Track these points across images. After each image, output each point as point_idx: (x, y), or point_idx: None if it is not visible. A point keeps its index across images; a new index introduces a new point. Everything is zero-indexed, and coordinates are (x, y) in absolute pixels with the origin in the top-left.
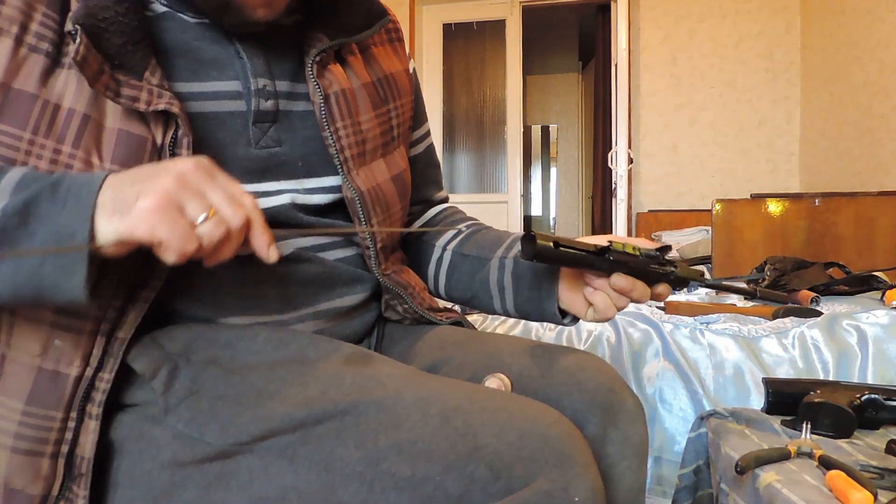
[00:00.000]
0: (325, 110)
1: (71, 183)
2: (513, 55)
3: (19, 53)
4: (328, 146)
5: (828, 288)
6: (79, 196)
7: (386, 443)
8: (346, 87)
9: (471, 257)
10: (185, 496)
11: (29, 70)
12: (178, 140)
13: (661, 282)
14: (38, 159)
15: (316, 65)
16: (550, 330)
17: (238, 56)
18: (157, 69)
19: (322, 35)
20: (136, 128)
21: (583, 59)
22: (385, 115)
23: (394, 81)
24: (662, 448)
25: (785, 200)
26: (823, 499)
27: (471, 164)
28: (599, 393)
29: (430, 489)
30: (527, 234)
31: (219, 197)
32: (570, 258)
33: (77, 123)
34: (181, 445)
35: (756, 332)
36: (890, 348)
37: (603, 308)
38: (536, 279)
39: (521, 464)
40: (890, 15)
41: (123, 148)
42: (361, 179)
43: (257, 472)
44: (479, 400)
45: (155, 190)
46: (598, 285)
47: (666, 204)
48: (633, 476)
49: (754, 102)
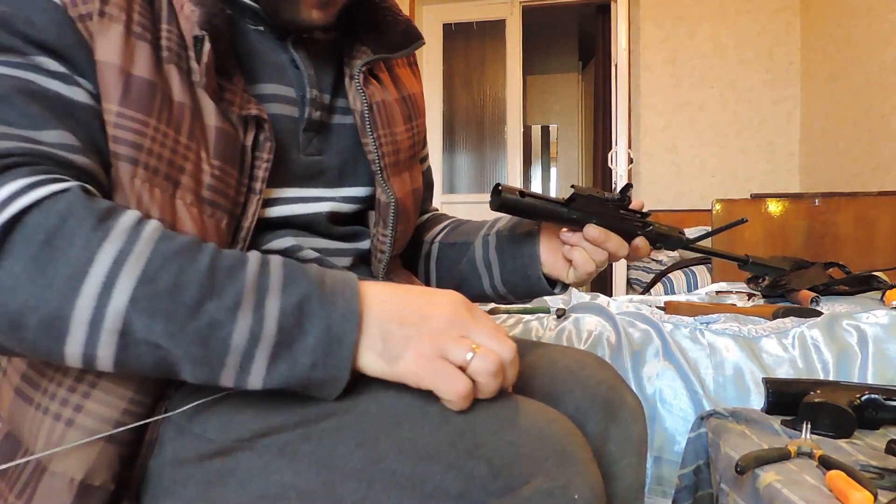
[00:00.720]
0: (368, 118)
1: (332, 281)
2: (513, 55)
3: (130, 40)
4: (368, 153)
5: (828, 288)
6: (344, 296)
7: (386, 441)
8: (384, 99)
9: (457, 244)
10: (185, 494)
11: (141, 57)
12: (259, 143)
13: (639, 235)
14: (162, 147)
15: (361, 74)
16: (550, 330)
17: (293, 64)
18: (240, 74)
19: (366, 48)
20: (228, 127)
21: (583, 59)
22: (411, 130)
23: (415, 101)
24: (662, 448)
25: (785, 200)
26: (823, 499)
27: (471, 164)
28: (600, 390)
29: (431, 487)
30: (495, 185)
31: (482, 335)
32: (535, 208)
33: (189, 116)
34: (183, 441)
35: (756, 332)
36: (890, 348)
37: (581, 263)
38: (518, 247)
39: (521, 462)
40: (890, 15)
41: (222, 146)
42: (396, 186)
43: (257, 470)
44: (479, 399)
45: (423, 344)
46: (573, 241)
47: (666, 204)
48: (634, 474)
49: (754, 102)
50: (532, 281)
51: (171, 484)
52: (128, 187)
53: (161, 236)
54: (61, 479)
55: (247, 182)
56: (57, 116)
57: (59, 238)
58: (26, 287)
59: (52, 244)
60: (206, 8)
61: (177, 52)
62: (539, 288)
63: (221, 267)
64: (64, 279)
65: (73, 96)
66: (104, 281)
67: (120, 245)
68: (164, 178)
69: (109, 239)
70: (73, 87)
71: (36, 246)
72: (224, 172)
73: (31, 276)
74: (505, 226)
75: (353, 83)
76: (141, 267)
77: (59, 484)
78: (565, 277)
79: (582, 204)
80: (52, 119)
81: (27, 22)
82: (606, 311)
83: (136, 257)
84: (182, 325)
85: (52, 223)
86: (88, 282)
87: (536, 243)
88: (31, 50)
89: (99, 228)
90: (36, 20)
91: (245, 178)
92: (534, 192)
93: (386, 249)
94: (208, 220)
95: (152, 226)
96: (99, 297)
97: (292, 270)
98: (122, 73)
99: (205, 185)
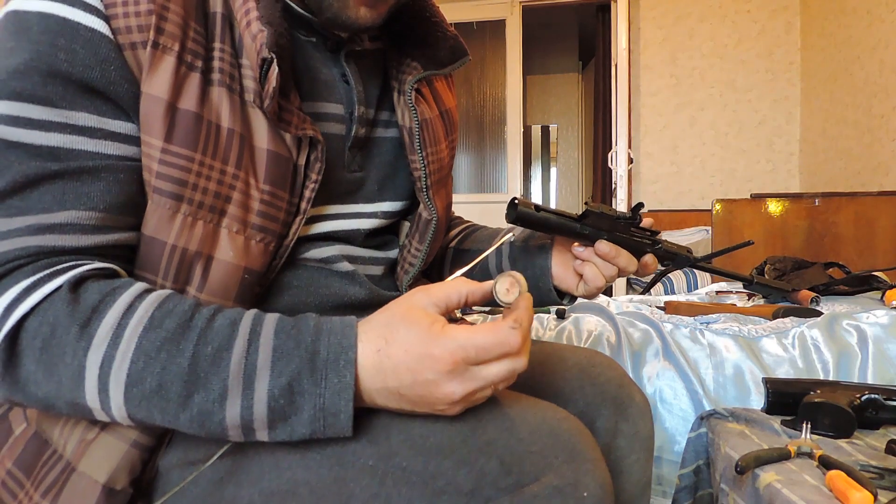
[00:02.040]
0: (419, 136)
1: (325, 350)
2: (513, 55)
3: (180, 71)
4: (414, 170)
5: (828, 288)
6: (336, 368)
7: (397, 438)
8: (430, 117)
9: (471, 251)
10: (196, 492)
11: (190, 89)
12: (310, 163)
13: (648, 252)
14: (208, 180)
15: (413, 92)
16: (550, 330)
17: (344, 80)
18: (297, 92)
19: (417, 64)
20: (282, 148)
21: (583, 59)
22: (449, 145)
23: (451, 116)
24: (662, 448)
25: (785, 200)
26: (823, 499)
27: (471, 164)
28: (610, 388)
29: (442, 483)
30: (511, 199)
31: (488, 371)
32: (549, 222)
33: (236, 143)
34: (195, 441)
35: (756, 332)
36: (890, 348)
37: (592, 277)
38: (530, 259)
39: (531, 459)
40: (890, 15)
41: (273, 169)
42: (438, 204)
43: (268, 467)
44: (491, 397)
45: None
46: (584, 256)
47: (666, 204)
48: (642, 470)
49: (754, 102)
50: (543, 292)
51: (181, 479)
52: (166, 223)
53: (145, 328)
54: (88, 481)
55: (296, 202)
56: (75, 193)
57: (53, 346)
58: (43, 384)
59: (48, 352)
60: (275, 27)
61: (229, 72)
62: (549, 299)
63: (206, 355)
64: (69, 380)
65: (104, 150)
66: (98, 386)
67: (103, 351)
68: (208, 211)
69: (93, 347)
70: (103, 142)
71: (38, 350)
72: (274, 197)
73: (44, 374)
74: (519, 237)
75: (404, 99)
76: (125, 371)
77: (86, 485)
78: (575, 290)
79: (594, 220)
80: (69, 197)
81: (68, 59)
82: (606, 311)
83: (119, 363)
84: (175, 416)
85: (45, 332)
86: (87, 386)
87: (549, 257)
88: (68, 97)
89: (82, 337)
90: (78, 55)
91: (295, 198)
92: (548, 206)
93: (416, 263)
94: (255, 245)
95: (138, 316)
96: (100, 398)
97: (284, 341)
98: (169, 108)
99: (255, 212)
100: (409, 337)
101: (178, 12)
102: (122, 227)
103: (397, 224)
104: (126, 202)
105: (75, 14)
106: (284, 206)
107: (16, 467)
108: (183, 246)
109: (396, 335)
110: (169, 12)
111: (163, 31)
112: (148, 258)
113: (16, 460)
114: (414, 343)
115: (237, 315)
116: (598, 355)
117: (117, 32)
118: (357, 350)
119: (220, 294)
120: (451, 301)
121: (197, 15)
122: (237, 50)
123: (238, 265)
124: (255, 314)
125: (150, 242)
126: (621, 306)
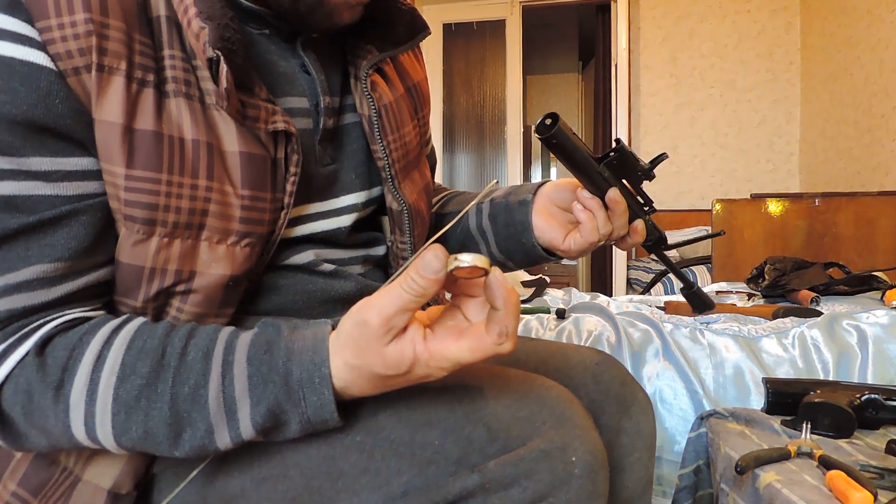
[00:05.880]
0: (377, 124)
1: (298, 371)
2: (513, 55)
3: (131, 90)
4: (377, 159)
5: (828, 288)
6: (312, 387)
7: (384, 412)
8: (392, 100)
9: (451, 214)
10: (188, 486)
11: (145, 106)
12: (288, 156)
13: (639, 218)
14: (179, 199)
15: (368, 78)
16: (550, 330)
17: (304, 70)
18: (261, 84)
19: (371, 47)
20: (255, 147)
21: (583, 59)
22: (417, 123)
23: (420, 90)
24: (662, 448)
25: (785, 200)
26: (823, 499)
27: (471, 164)
28: (613, 385)
29: (430, 453)
30: (552, 114)
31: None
32: (578, 152)
33: (204, 154)
34: None
35: (756, 332)
36: (890, 348)
37: (587, 230)
38: (511, 215)
39: (519, 424)
40: (890, 15)
41: (249, 171)
42: (407, 192)
43: (258, 453)
44: (478, 369)
45: None
46: (590, 205)
47: (666, 204)
48: (644, 467)
49: (754, 102)
50: (527, 248)
51: (176, 478)
52: (141, 249)
53: (119, 378)
54: (94, 488)
55: (280, 198)
56: (39, 246)
57: (34, 412)
58: (42, 438)
59: (31, 416)
60: (216, 21)
61: (184, 79)
62: (536, 255)
63: (184, 395)
64: (60, 434)
65: (63, 193)
66: (89, 438)
67: (83, 411)
68: (184, 228)
69: (71, 408)
70: (61, 184)
71: (21, 414)
72: (255, 199)
73: (37, 432)
74: (499, 194)
75: (360, 86)
76: (109, 425)
77: (91, 492)
78: (560, 244)
79: (618, 161)
80: (32, 252)
81: (8, 100)
82: (606, 311)
83: (101, 418)
84: (171, 451)
85: (22, 399)
86: (79, 438)
87: (529, 212)
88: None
89: (59, 400)
90: (18, 94)
91: (278, 194)
92: None
93: (408, 256)
94: (240, 251)
95: (109, 366)
96: (94, 443)
97: (257, 368)
98: (126, 131)
99: (237, 219)
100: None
101: (120, 27)
102: (91, 267)
103: (382, 219)
104: (93, 243)
105: (7, 48)
106: (268, 206)
107: (21, 487)
108: (161, 267)
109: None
110: (109, 29)
111: (106, 52)
112: (125, 284)
113: (20, 480)
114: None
115: (209, 344)
116: (600, 354)
117: (57, 59)
118: (330, 365)
119: (204, 305)
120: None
121: (140, 24)
122: (189, 53)
123: (222, 274)
124: (228, 340)
125: (125, 268)
126: (621, 306)
